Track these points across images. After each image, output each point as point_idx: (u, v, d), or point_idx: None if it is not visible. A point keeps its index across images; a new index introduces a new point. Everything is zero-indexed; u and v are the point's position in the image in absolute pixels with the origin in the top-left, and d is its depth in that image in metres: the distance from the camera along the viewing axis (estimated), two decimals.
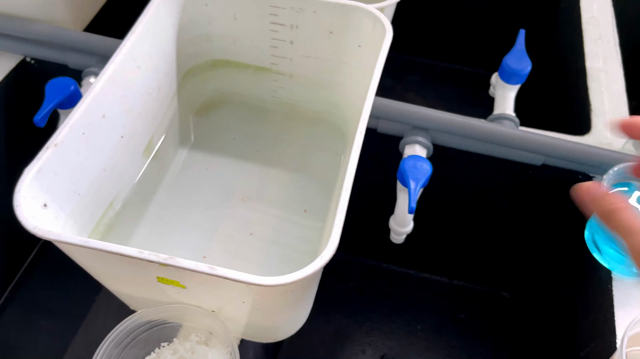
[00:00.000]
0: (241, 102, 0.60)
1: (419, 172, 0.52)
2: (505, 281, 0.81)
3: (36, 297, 0.72)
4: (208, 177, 0.54)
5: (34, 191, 0.36)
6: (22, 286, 0.73)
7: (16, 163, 0.68)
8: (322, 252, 0.33)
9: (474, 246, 0.78)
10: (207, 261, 0.47)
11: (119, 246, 0.33)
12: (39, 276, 0.74)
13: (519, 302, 0.80)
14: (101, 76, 0.42)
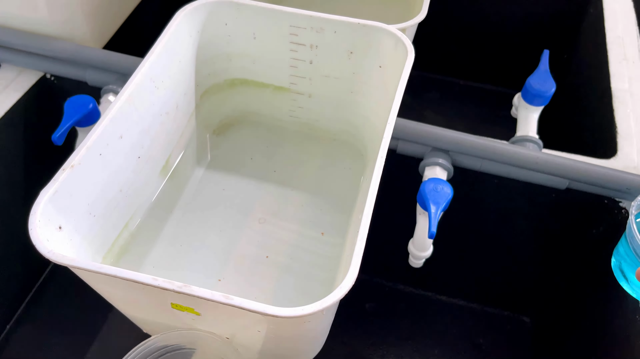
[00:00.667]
0: (259, 122, 0.60)
1: (439, 195, 0.51)
2: (526, 306, 0.79)
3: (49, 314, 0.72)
4: (225, 197, 0.54)
5: (49, 214, 0.36)
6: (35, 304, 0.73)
7: (34, 180, 0.69)
8: (342, 282, 0.32)
9: (494, 269, 0.76)
10: (222, 285, 0.47)
11: (132, 273, 0.32)
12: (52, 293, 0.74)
13: (540, 328, 0.77)
14: (120, 96, 0.42)
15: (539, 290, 0.76)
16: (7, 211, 0.65)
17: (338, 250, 0.50)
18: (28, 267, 0.72)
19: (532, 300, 0.78)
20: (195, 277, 0.48)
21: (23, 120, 0.65)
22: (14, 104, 0.63)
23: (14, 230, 0.67)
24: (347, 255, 0.44)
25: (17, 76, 0.66)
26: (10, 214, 0.66)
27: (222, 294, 0.32)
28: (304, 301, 0.43)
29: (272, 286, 0.47)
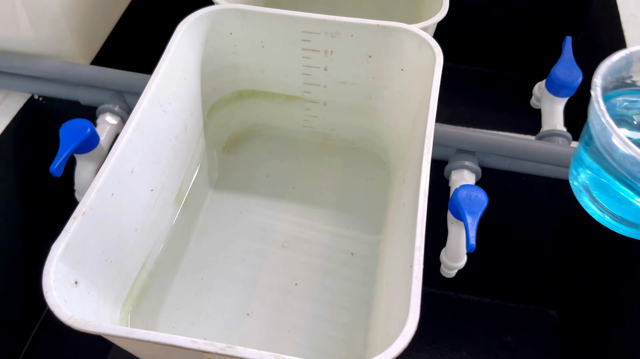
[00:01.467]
0: (270, 135, 0.56)
1: (474, 204, 0.48)
2: (553, 300, 0.77)
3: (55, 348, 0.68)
4: (243, 221, 0.50)
5: (63, 271, 0.32)
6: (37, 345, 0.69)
7: (29, 213, 0.64)
8: (404, 329, 0.29)
9: (519, 264, 0.73)
10: (251, 320, 0.43)
11: (169, 336, 0.29)
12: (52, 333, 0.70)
13: (568, 321, 0.75)
14: (127, 127, 0.38)
15: (565, 283, 0.74)
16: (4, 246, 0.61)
17: (371, 271, 0.46)
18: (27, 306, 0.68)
19: (558, 294, 0.76)
20: (222, 312, 0.44)
21: (13, 147, 0.60)
22: (3, 131, 0.58)
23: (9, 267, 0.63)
24: (387, 282, 0.40)
25: (3, 100, 0.61)
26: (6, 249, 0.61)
27: (272, 354, 0.28)
28: (342, 337, 0.40)
29: (305, 313, 0.44)
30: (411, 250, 0.33)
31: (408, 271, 0.32)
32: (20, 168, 0.61)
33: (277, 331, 0.44)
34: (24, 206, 0.63)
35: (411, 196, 0.38)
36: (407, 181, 0.42)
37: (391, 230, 0.44)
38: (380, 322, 0.40)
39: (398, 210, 0.42)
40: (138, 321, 0.41)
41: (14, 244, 0.62)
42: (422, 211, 0.33)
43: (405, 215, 0.38)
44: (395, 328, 0.33)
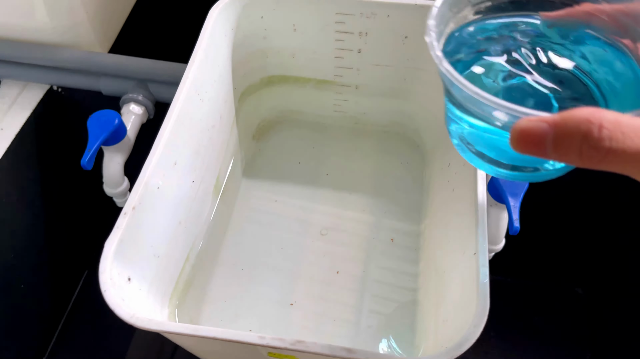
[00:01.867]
0: (300, 120, 0.55)
1: (516, 185, 0.47)
2: (578, 277, 0.76)
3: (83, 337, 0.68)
4: (278, 210, 0.49)
5: (118, 267, 0.31)
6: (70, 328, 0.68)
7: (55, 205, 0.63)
8: (474, 320, 0.28)
9: (543, 243, 0.73)
10: (296, 309, 0.43)
11: (236, 333, 0.28)
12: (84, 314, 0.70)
13: (595, 298, 0.75)
14: (168, 118, 0.37)
15: (591, 260, 0.73)
16: (30, 241, 0.60)
17: (413, 257, 0.46)
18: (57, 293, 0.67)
19: (584, 271, 0.75)
20: (265, 304, 0.44)
21: (34, 140, 0.59)
22: (24, 124, 0.57)
23: (38, 258, 0.62)
24: (437, 269, 0.40)
25: (21, 92, 0.60)
26: (33, 242, 0.61)
27: (343, 347, 0.27)
28: (388, 324, 0.39)
29: (350, 302, 0.43)
30: (471, 236, 0.32)
31: (470, 259, 0.31)
32: (42, 161, 0.60)
33: (321, 322, 0.43)
34: (48, 199, 0.62)
35: (463, 181, 0.37)
36: (453, 165, 0.41)
37: (437, 216, 0.43)
38: (430, 310, 0.39)
39: (446, 194, 0.41)
40: (184, 315, 0.40)
41: (37, 237, 0.61)
42: (482, 197, 0.32)
43: (457, 200, 0.37)
44: (455, 316, 0.33)
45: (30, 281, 0.61)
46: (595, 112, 0.18)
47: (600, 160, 0.18)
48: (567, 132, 0.18)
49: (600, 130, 0.17)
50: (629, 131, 0.17)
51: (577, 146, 0.18)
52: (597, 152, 0.17)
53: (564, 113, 0.18)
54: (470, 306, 0.30)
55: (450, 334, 0.33)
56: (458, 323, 0.32)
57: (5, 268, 0.56)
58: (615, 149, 0.17)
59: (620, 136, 0.17)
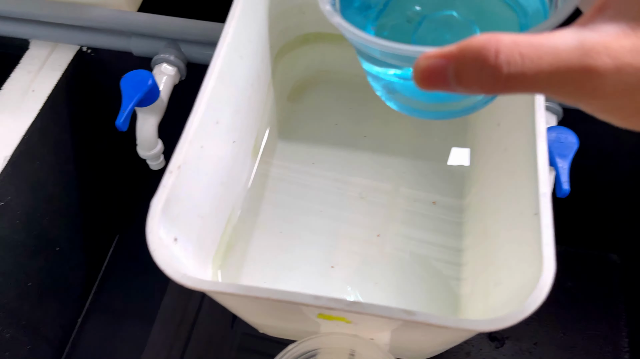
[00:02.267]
0: (337, 80, 0.53)
1: (564, 146, 0.45)
2: (614, 244, 0.75)
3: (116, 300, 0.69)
4: (316, 172, 0.48)
5: (165, 227, 0.31)
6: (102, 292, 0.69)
7: (86, 168, 0.63)
8: (540, 281, 0.27)
9: (580, 209, 0.71)
10: (337, 272, 0.42)
11: (292, 293, 0.27)
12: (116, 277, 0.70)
13: (629, 265, 0.74)
14: (209, 75, 0.35)
15: (628, 226, 0.71)
16: (64, 204, 0.60)
17: (457, 219, 0.44)
18: (90, 257, 0.68)
19: (619, 237, 0.74)
20: (305, 265, 0.43)
21: (66, 102, 0.58)
22: (55, 86, 0.56)
23: (71, 221, 0.62)
24: (485, 230, 0.38)
25: (50, 53, 0.59)
26: (67, 205, 0.61)
27: (402, 309, 0.26)
28: (431, 288, 0.38)
29: (390, 270, 0.42)
30: (531, 196, 0.31)
31: (530, 220, 0.30)
32: (74, 124, 0.60)
33: (363, 284, 0.42)
34: (80, 162, 0.62)
35: (517, 140, 0.35)
36: (504, 124, 0.39)
37: (486, 177, 0.42)
38: (478, 273, 0.38)
39: (496, 155, 0.39)
40: (226, 277, 0.40)
41: (71, 200, 0.61)
42: (542, 156, 0.31)
43: (510, 160, 0.36)
44: (511, 279, 0.32)
45: (65, 245, 0.61)
46: (492, 37, 0.16)
47: (504, 87, 0.16)
48: (465, 63, 0.17)
49: (496, 56, 0.16)
50: (528, 51, 0.16)
51: (477, 76, 0.16)
52: (497, 79, 0.16)
53: (461, 43, 0.17)
54: (530, 268, 0.29)
55: (505, 297, 0.32)
56: (514, 286, 0.30)
57: (40, 231, 0.56)
58: (515, 74, 0.16)
59: (519, 59, 0.16)
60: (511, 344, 0.69)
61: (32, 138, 0.53)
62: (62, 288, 0.62)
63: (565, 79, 0.16)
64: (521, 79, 0.16)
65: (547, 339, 0.69)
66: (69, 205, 0.61)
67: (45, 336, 0.60)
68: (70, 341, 0.65)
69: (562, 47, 0.16)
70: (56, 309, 0.61)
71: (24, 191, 0.53)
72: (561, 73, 0.16)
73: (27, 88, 0.55)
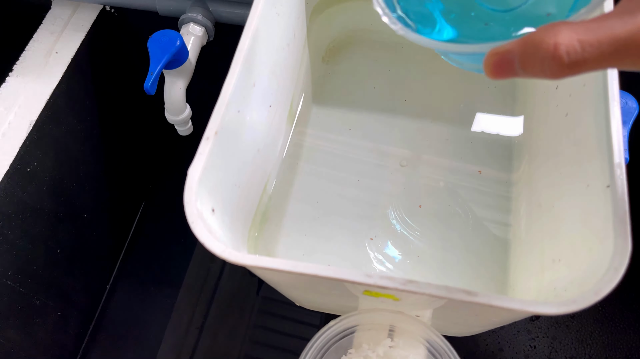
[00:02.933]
0: (374, 40, 0.50)
1: (624, 112, 0.42)
2: None
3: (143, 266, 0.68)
4: (353, 139, 0.46)
5: (203, 197, 0.29)
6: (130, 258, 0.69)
7: (111, 132, 0.61)
8: (615, 262, 0.24)
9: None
10: (375, 243, 0.40)
11: (341, 271, 0.25)
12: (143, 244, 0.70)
13: None
14: (246, 34, 0.33)
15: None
16: (90, 170, 0.58)
17: (505, 191, 0.42)
18: (117, 224, 0.67)
19: None
20: (343, 237, 0.41)
21: (90, 64, 0.56)
22: (79, 47, 0.54)
23: (98, 188, 0.61)
24: (540, 203, 0.36)
25: (73, 13, 0.56)
26: (93, 171, 0.59)
27: (463, 290, 0.24)
28: (477, 263, 0.36)
29: (433, 244, 0.40)
30: (602, 166, 0.28)
31: (600, 192, 0.27)
32: (99, 87, 0.58)
33: (405, 258, 0.40)
34: (106, 127, 0.60)
35: (581, 104, 0.32)
36: (563, 87, 0.36)
37: (541, 145, 0.39)
38: (532, 248, 0.36)
39: (554, 121, 0.36)
40: (261, 248, 0.38)
41: (98, 166, 0.60)
42: (616, 123, 0.28)
43: (572, 126, 0.33)
44: (574, 256, 0.29)
45: (93, 211, 0.60)
46: (550, 30, 0.19)
47: (568, 72, 0.19)
48: (529, 57, 0.19)
49: (556, 49, 0.18)
50: (588, 38, 0.18)
51: (540, 67, 0.19)
52: (560, 68, 0.18)
53: (525, 39, 0.19)
54: (600, 246, 0.26)
55: (565, 274, 0.30)
56: (579, 264, 0.28)
57: (67, 198, 0.55)
58: (576, 60, 0.18)
59: (579, 47, 0.18)
60: (547, 316, 0.67)
61: (57, 102, 0.51)
62: (90, 255, 0.61)
63: (627, 54, 0.18)
64: (583, 63, 0.18)
65: (585, 312, 0.67)
66: (95, 171, 0.59)
67: (74, 302, 0.59)
68: (100, 307, 0.65)
69: (618, 29, 0.18)
70: (85, 276, 0.61)
71: (51, 157, 0.51)
72: (622, 51, 0.18)
73: (51, 50, 0.53)
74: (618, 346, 0.65)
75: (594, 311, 0.67)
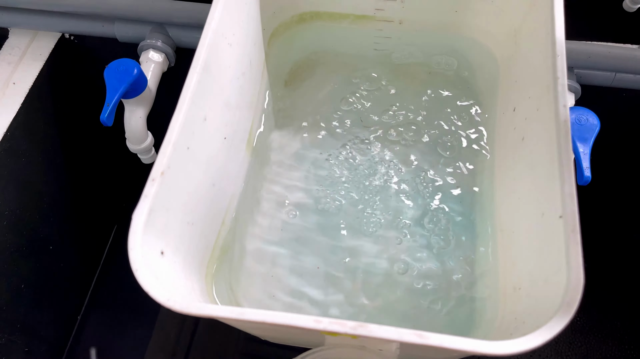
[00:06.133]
0: (336, 62, 0.49)
1: (585, 129, 0.41)
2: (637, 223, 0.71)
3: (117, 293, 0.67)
4: (317, 163, 0.45)
5: (149, 242, 0.28)
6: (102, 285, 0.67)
7: (75, 162, 0.60)
8: (567, 297, 0.24)
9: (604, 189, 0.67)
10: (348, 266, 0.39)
11: (288, 316, 0.24)
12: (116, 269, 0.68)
13: None
14: (194, 67, 0.32)
15: None
16: (54, 200, 0.57)
17: (469, 214, 0.41)
18: (87, 251, 0.66)
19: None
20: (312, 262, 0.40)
21: (50, 93, 0.55)
22: (37, 76, 0.53)
23: (63, 218, 0.59)
24: (502, 229, 0.35)
25: (31, 42, 0.55)
26: (57, 202, 0.58)
27: (414, 332, 0.24)
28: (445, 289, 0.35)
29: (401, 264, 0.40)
30: (554, 195, 0.27)
31: (553, 222, 0.27)
32: (60, 116, 0.56)
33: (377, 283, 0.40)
34: (70, 155, 0.59)
35: (537, 128, 0.32)
36: (521, 110, 0.35)
37: (500, 168, 0.38)
38: (495, 274, 0.35)
39: (512, 144, 0.36)
40: (223, 282, 0.37)
41: (62, 195, 0.59)
42: (566, 149, 0.28)
43: (528, 150, 0.32)
44: (531, 285, 0.29)
45: (59, 241, 0.58)
46: None
47: None
48: None
49: None
50: None
51: None
52: None
53: None
54: (553, 276, 0.26)
55: (525, 304, 0.29)
56: (535, 294, 0.28)
57: (31, 230, 0.53)
58: None
59: None
60: None
61: (16, 134, 0.50)
62: (58, 286, 0.60)
63: None
64: None
65: None
66: (59, 201, 0.58)
67: (43, 337, 0.58)
68: (71, 339, 0.63)
69: None
70: (53, 308, 0.59)
71: (10, 191, 0.50)
72: None
73: (8, 81, 0.52)
74: (597, 356, 0.65)
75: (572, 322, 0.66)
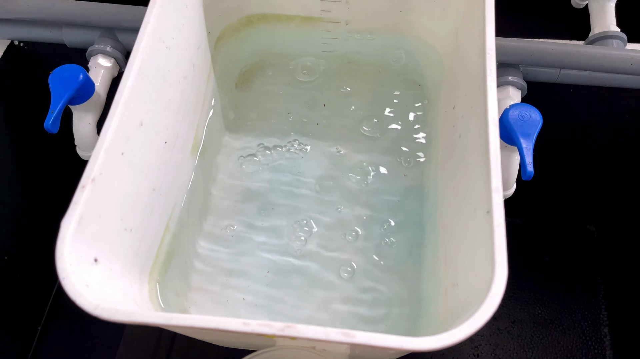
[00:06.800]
0: (286, 64, 0.49)
1: (528, 125, 0.42)
2: (590, 214, 0.73)
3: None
4: (266, 166, 0.45)
5: (79, 249, 0.27)
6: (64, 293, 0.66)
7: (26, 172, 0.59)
8: (491, 290, 0.24)
9: (553, 181, 0.68)
10: (295, 269, 0.39)
11: (215, 320, 0.24)
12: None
13: (607, 236, 0.72)
14: (128, 71, 0.32)
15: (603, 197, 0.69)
16: (6, 210, 0.56)
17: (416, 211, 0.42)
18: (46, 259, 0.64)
19: (595, 208, 0.72)
20: (260, 268, 0.40)
21: (0, 101, 0.54)
22: None
23: (17, 227, 0.58)
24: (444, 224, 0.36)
25: None
26: (9, 211, 0.57)
27: (340, 331, 0.24)
28: (393, 285, 0.36)
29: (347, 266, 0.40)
30: (483, 190, 0.28)
31: (483, 218, 0.27)
32: (11, 126, 0.55)
33: (321, 284, 0.40)
34: (20, 165, 0.58)
35: (471, 127, 0.32)
36: (459, 107, 0.36)
37: (442, 166, 0.39)
38: (438, 270, 0.36)
39: (451, 142, 0.36)
40: (168, 289, 0.37)
41: (14, 205, 0.58)
42: (494, 146, 0.28)
43: (464, 148, 0.33)
44: (466, 280, 0.29)
45: (14, 251, 0.57)
46: None
47: None
48: None
49: None
50: None
51: None
52: None
53: None
54: (484, 271, 0.26)
55: (461, 299, 0.29)
56: (471, 289, 0.28)
57: None
58: None
59: None
60: (489, 324, 0.67)
61: None
62: (15, 297, 0.59)
63: None
64: None
65: (525, 316, 0.68)
66: (12, 211, 0.57)
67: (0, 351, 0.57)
68: (31, 353, 0.62)
69: None
70: (11, 321, 0.58)
71: None
72: None
73: None
74: (559, 348, 0.66)
75: (533, 315, 0.67)
